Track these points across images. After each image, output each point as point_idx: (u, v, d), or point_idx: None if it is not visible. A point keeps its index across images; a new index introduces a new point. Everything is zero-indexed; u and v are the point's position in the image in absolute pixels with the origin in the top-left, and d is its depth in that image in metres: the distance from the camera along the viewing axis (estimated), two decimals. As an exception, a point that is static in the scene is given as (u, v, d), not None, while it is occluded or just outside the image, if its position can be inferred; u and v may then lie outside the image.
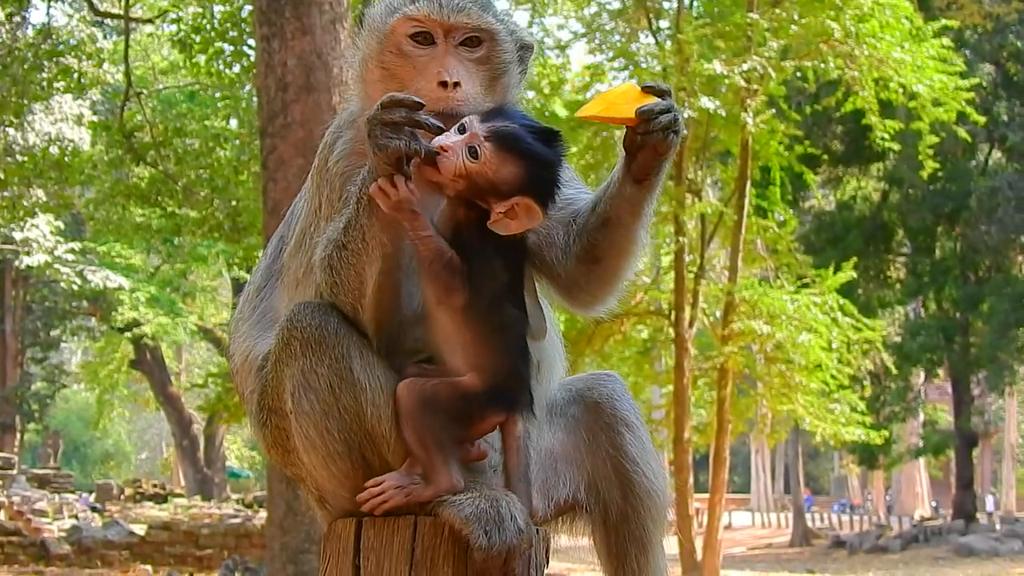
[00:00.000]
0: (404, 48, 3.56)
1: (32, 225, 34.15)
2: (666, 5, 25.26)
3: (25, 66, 25.76)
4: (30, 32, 29.33)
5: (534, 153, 3.29)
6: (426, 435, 3.27)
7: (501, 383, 3.28)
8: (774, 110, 22.81)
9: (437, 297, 3.31)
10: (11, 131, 29.71)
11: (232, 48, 25.42)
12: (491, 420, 3.32)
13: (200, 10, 25.09)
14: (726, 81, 20.24)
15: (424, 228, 3.26)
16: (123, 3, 25.79)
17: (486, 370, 3.28)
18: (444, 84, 3.46)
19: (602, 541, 3.72)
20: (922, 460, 60.88)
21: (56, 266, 36.30)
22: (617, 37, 25.60)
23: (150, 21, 29.05)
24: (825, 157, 38.15)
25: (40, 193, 31.89)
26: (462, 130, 3.29)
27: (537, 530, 3.36)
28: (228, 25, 24.95)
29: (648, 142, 3.40)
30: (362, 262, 3.35)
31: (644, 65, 23.90)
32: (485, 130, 3.27)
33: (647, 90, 3.42)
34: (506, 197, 3.27)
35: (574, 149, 22.98)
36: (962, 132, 24.17)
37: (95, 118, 31.44)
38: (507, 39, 3.67)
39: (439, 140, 3.26)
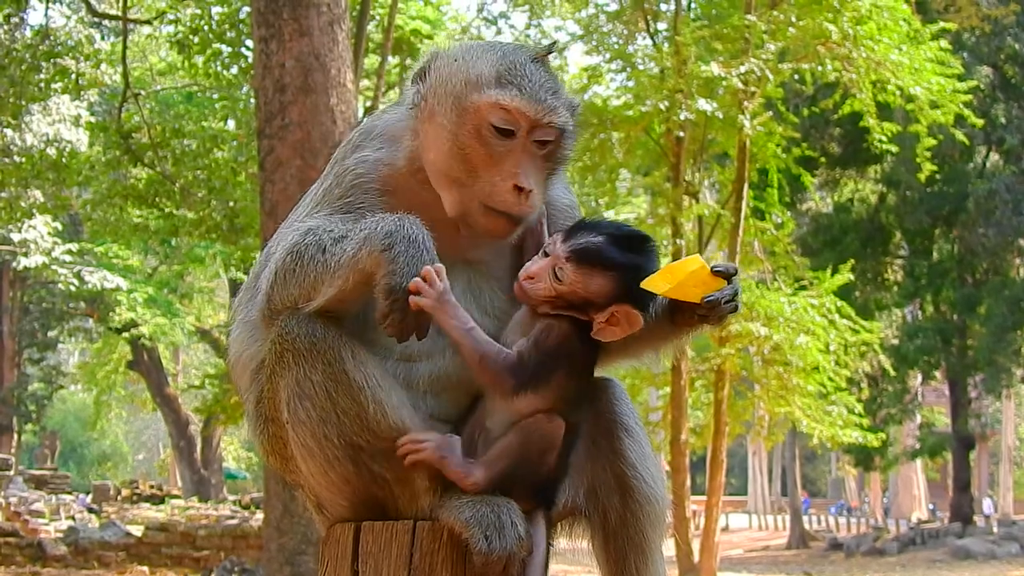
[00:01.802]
0: (483, 133, 3.47)
1: (30, 226, 34.18)
2: (664, 7, 25.28)
3: (23, 67, 25.73)
4: (28, 33, 29.32)
5: (618, 263, 3.33)
6: (512, 455, 3.32)
7: (550, 477, 3.39)
8: (772, 112, 22.81)
9: (490, 389, 3.37)
10: (9, 132, 29.71)
11: (230, 49, 25.44)
12: (522, 503, 3.35)
13: (198, 11, 25.09)
14: (724, 83, 20.25)
15: (466, 321, 3.32)
16: (121, 4, 25.77)
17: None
18: (519, 189, 3.44)
19: (601, 546, 3.70)
20: (919, 463, 60.91)
21: (53, 267, 36.38)
22: (615, 39, 25.62)
23: (148, 22, 29.05)
24: (823, 159, 38.16)
25: (38, 194, 31.86)
26: (546, 253, 3.39)
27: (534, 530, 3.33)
28: (226, 26, 24.96)
29: (705, 320, 3.52)
30: (327, 281, 3.36)
31: (641, 67, 23.92)
32: (566, 251, 3.35)
33: (717, 273, 3.44)
34: (603, 308, 3.33)
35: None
36: (960, 135, 24.18)
37: (93, 119, 31.42)
38: (573, 137, 3.67)
39: (527, 268, 3.39)
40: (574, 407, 3.40)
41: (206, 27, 24.83)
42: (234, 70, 25.95)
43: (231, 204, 25.86)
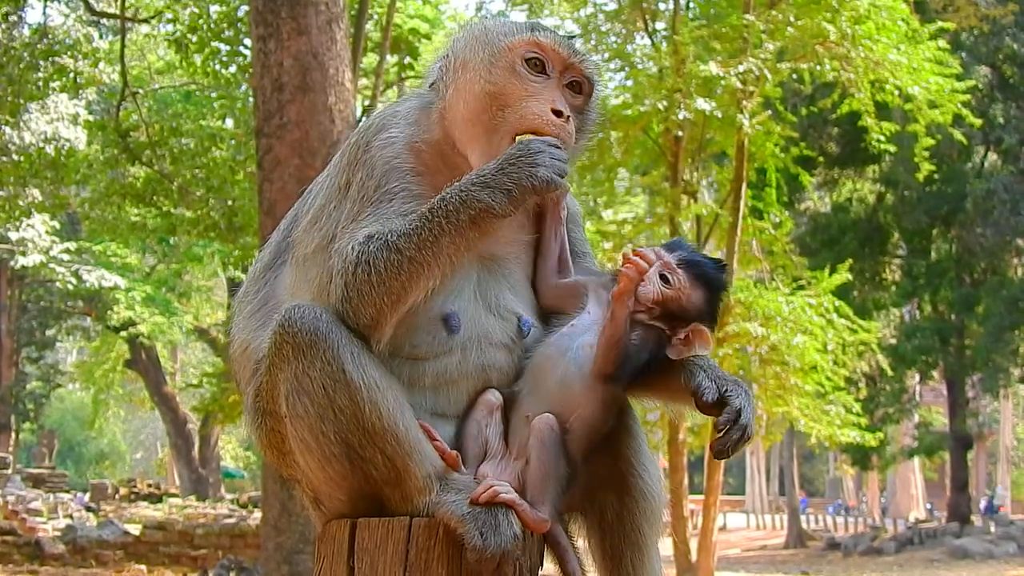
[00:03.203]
0: (518, 68, 3.56)
1: (28, 225, 34.18)
2: (662, 6, 25.26)
3: (21, 65, 25.72)
4: (26, 31, 29.31)
5: (717, 282, 3.55)
6: (557, 470, 3.40)
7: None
8: (770, 112, 22.80)
9: (597, 367, 3.46)
10: (7, 130, 29.68)
11: (228, 48, 25.45)
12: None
13: (196, 10, 25.08)
14: (722, 83, 20.23)
15: (629, 299, 3.48)
16: (119, 3, 25.78)
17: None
18: (559, 113, 3.50)
19: (597, 543, 3.72)
20: (917, 462, 60.92)
21: (51, 266, 36.37)
22: (613, 38, 25.61)
23: (146, 21, 29.02)
24: (821, 159, 38.14)
25: (36, 193, 31.84)
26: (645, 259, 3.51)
27: (531, 532, 3.35)
28: (224, 25, 24.97)
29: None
30: (419, 273, 3.35)
31: (640, 66, 23.92)
32: (676, 259, 3.52)
33: (704, 408, 3.53)
34: (689, 323, 3.49)
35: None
36: (958, 134, 24.16)
37: (91, 118, 31.46)
38: (597, 106, 3.80)
39: (627, 271, 3.48)
40: (615, 409, 3.58)
41: (204, 26, 24.84)
42: (232, 69, 25.95)
43: (229, 203, 25.85)
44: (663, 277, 3.47)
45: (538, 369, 3.51)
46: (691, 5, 26.00)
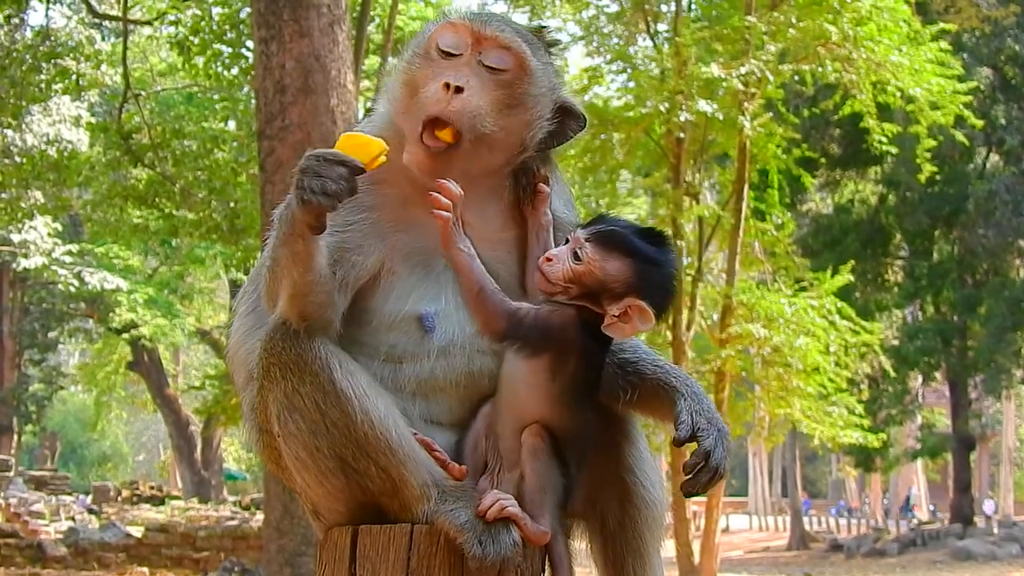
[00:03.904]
0: (431, 55, 3.55)
1: (30, 227, 34.20)
2: (664, 8, 25.27)
3: (23, 68, 25.74)
4: (28, 34, 29.34)
5: (638, 249, 3.34)
6: (553, 482, 3.33)
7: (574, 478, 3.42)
8: (772, 113, 22.81)
9: (481, 326, 3.38)
10: (9, 133, 29.72)
11: (230, 50, 25.41)
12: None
13: (199, 12, 25.07)
14: (724, 84, 20.23)
15: (471, 250, 3.35)
16: (121, 5, 25.79)
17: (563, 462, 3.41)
18: (447, 87, 3.43)
19: (599, 549, 3.71)
20: (920, 464, 60.89)
21: (54, 268, 36.41)
22: (615, 40, 25.62)
23: (148, 23, 29.06)
24: (823, 160, 38.12)
25: (38, 195, 31.89)
26: (567, 241, 3.38)
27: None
28: (226, 27, 24.94)
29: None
30: (278, 277, 3.41)
31: (642, 68, 23.92)
32: (587, 233, 3.35)
33: (676, 442, 3.51)
34: (619, 298, 3.31)
35: (572, 152, 22.99)
36: (960, 136, 24.17)
37: (93, 120, 31.41)
38: (540, 80, 3.62)
39: (549, 252, 3.38)
40: (577, 407, 3.38)
41: (206, 28, 24.81)
42: (234, 71, 25.92)
43: (231, 205, 25.85)
44: (574, 254, 3.32)
45: (502, 376, 3.47)
46: (693, 7, 26.01)
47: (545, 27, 3.85)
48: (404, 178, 3.55)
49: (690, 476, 3.41)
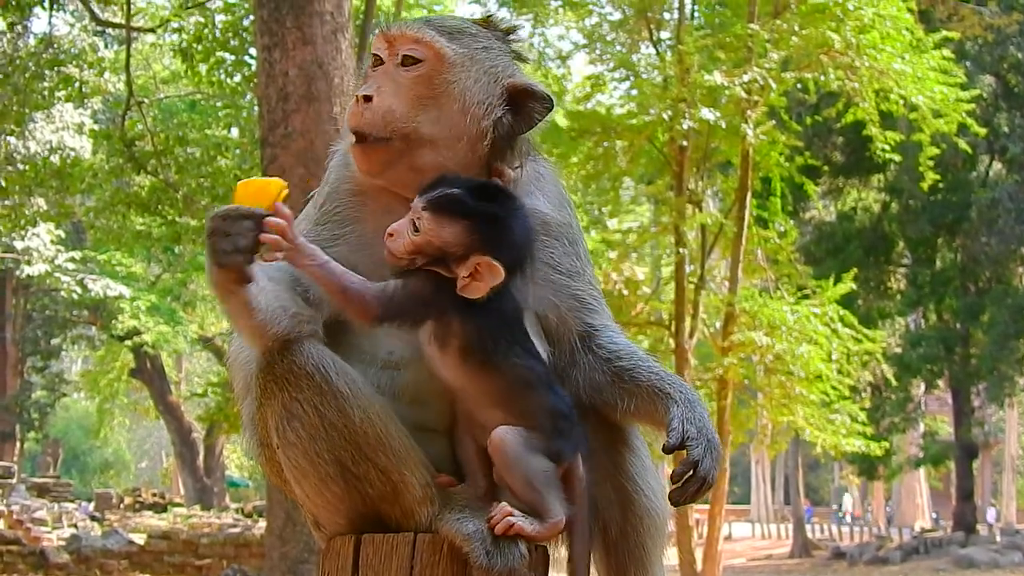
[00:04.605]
0: (367, 69, 3.59)
1: (33, 234, 34.23)
2: (667, 16, 25.27)
3: (26, 75, 25.77)
4: (32, 41, 29.42)
5: (472, 209, 3.30)
6: (535, 474, 3.26)
7: (552, 430, 3.30)
8: (775, 121, 22.81)
9: (356, 317, 3.34)
10: (12, 140, 29.77)
11: (233, 58, 25.43)
12: (564, 466, 3.32)
13: (202, 20, 25.09)
14: (727, 92, 20.23)
15: (319, 256, 3.30)
16: (125, 12, 25.80)
17: (531, 421, 3.30)
18: (358, 99, 3.47)
19: (602, 559, 3.70)
20: (922, 471, 60.84)
21: (56, 275, 36.42)
22: (618, 47, 25.64)
23: (152, 30, 29.04)
24: (826, 168, 38.13)
25: (41, 202, 31.89)
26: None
27: (536, 546, 3.33)
28: (230, 35, 24.96)
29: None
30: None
31: (645, 76, 23.94)
32: (422, 202, 3.32)
33: (665, 450, 3.47)
34: (464, 259, 3.28)
35: (575, 159, 23.01)
36: (963, 143, 24.19)
37: (96, 127, 31.49)
38: (469, 68, 3.57)
39: (392, 227, 3.34)
40: (490, 364, 3.33)
41: (210, 35, 24.83)
42: (237, 78, 25.93)
43: (234, 212, 25.83)
44: (413, 225, 3.30)
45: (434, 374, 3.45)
46: (696, 15, 26.04)
47: (491, 15, 3.80)
48: (385, 189, 3.57)
49: (678, 485, 3.39)
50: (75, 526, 34.74)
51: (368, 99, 3.46)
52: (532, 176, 3.75)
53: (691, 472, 3.37)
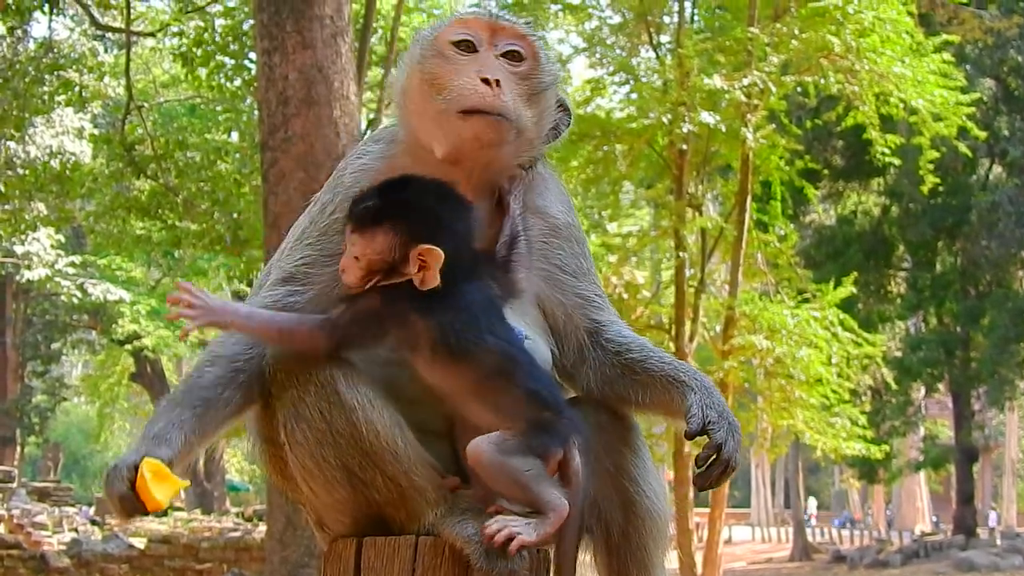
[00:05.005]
0: (446, 53, 3.56)
1: (33, 238, 34.19)
2: (667, 20, 25.26)
3: (26, 79, 25.80)
4: (32, 45, 29.42)
5: (384, 212, 3.34)
6: (519, 475, 3.21)
7: (534, 422, 3.26)
8: (775, 125, 22.79)
9: (306, 354, 3.35)
10: (12, 144, 29.75)
11: (233, 62, 25.46)
12: (552, 459, 3.27)
13: (202, 24, 25.11)
14: (727, 96, 20.20)
15: (240, 310, 3.37)
16: (124, 17, 25.82)
17: (511, 415, 3.27)
18: (487, 81, 3.45)
19: (603, 561, 3.70)
20: (923, 475, 60.85)
21: (57, 279, 36.37)
22: (618, 51, 25.61)
23: (152, 35, 29.08)
24: (826, 172, 38.14)
25: (41, 206, 31.92)
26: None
27: (538, 549, 3.33)
28: (229, 39, 24.99)
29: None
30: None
31: (644, 79, 23.92)
32: (348, 228, 3.38)
33: (688, 436, 3.49)
34: (406, 258, 3.30)
35: (575, 163, 22.99)
36: (963, 147, 24.15)
37: (96, 131, 31.47)
38: (548, 69, 3.67)
39: (340, 264, 3.39)
40: (460, 354, 3.30)
41: (209, 39, 24.85)
42: (237, 82, 25.96)
43: (234, 216, 25.88)
44: (352, 256, 3.34)
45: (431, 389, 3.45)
46: (696, 18, 26.03)
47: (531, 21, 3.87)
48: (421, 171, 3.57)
49: (702, 469, 3.41)
50: (76, 530, 34.73)
51: (498, 83, 3.46)
52: (538, 178, 3.78)
53: (715, 456, 3.39)
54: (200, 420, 3.36)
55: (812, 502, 74.95)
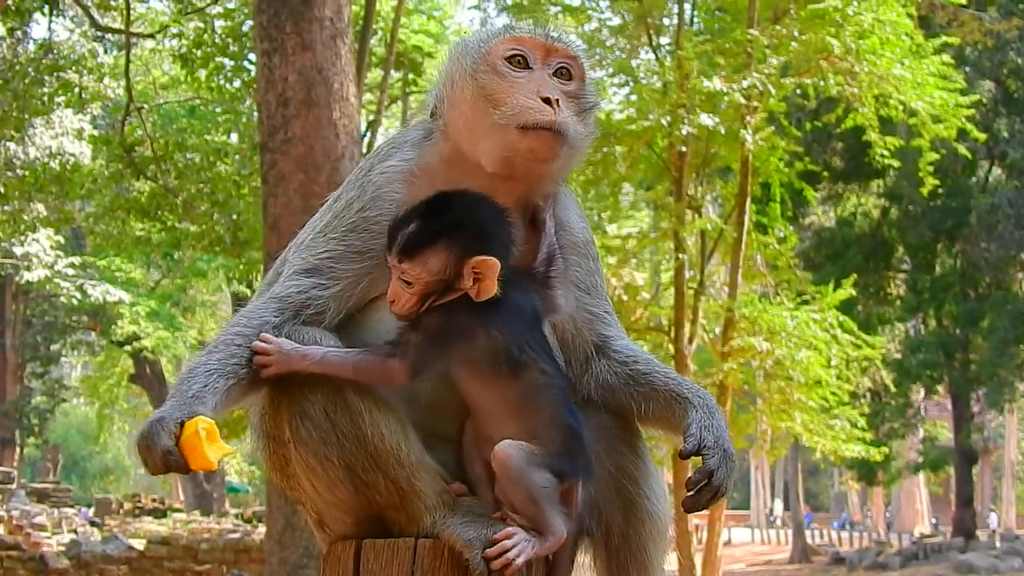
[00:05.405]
0: (500, 68, 3.58)
1: (32, 239, 34.18)
2: (666, 21, 25.27)
3: (26, 81, 25.80)
4: (31, 47, 29.42)
5: (434, 232, 3.35)
6: (535, 489, 3.25)
7: (561, 447, 3.31)
8: (774, 127, 22.78)
9: (389, 388, 3.38)
10: (12, 145, 29.74)
11: (233, 63, 25.47)
12: (567, 485, 3.33)
13: (201, 25, 25.11)
14: (726, 98, 20.19)
15: (314, 353, 3.36)
16: (124, 18, 25.81)
17: (542, 435, 3.30)
18: (547, 100, 3.48)
19: (603, 563, 3.71)
20: (922, 477, 60.86)
21: (56, 280, 36.36)
22: (618, 53, 25.62)
23: (151, 36, 29.08)
24: (825, 174, 38.08)
25: (40, 207, 31.90)
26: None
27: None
28: (229, 40, 24.99)
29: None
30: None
31: (644, 81, 23.92)
32: (394, 257, 3.37)
33: (682, 455, 3.54)
34: (460, 274, 3.33)
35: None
36: (962, 149, 24.14)
37: (96, 132, 31.46)
38: (593, 89, 3.73)
39: (388, 295, 3.40)
40: (523, 366, 3.35)
41: (209, 41, 24.86)
42: (237, 84, 25.97)
43: (234, 217, 25.86)
44: (403, 282, 3.36)
45: (467, 400, 3.48)
46: (695, 20, 26.02)
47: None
48: (451, 176, 3.60)
49: (692, 493, 3.43)
50: (75, 531, 34.72)
51: (559, 102, 3.50)
52: (560, 193, 3.83)
53: (706, 481, 3.41)
54: (229, 392, 3.42)
55: (779, 504, 75.17)
